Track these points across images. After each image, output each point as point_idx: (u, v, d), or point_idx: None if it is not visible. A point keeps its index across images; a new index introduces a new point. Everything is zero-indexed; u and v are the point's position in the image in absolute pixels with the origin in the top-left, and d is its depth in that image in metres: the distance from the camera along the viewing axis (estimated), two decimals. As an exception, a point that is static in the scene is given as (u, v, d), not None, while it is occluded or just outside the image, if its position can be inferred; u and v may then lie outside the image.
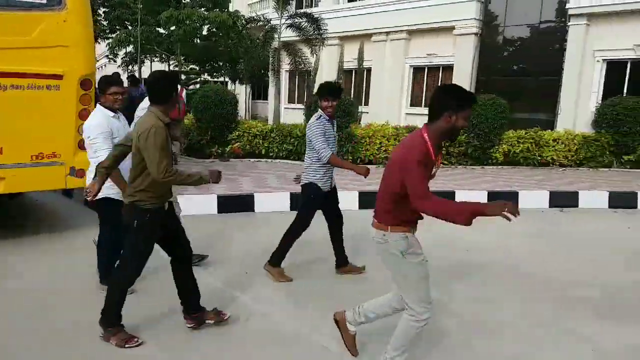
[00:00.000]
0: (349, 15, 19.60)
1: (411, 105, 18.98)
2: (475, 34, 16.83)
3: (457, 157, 11.43)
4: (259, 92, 27.58)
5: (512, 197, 8.23)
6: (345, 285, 4.60)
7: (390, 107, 18.72)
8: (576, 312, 4.16)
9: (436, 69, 18.35)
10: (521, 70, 16.79)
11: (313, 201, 4.58)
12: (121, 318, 3.41)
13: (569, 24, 14.77)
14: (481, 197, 8.15)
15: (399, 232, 2.77)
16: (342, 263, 4.88)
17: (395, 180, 2.66)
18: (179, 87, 3.48)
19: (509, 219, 2.41)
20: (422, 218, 2.81)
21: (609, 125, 11.51)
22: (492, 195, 8.19)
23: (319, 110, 4.53)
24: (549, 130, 12.21)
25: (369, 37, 19.12)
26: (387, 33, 18.88)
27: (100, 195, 3.61)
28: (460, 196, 8.11)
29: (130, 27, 19.23)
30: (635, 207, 8.34)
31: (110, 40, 18.64)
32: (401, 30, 18.48)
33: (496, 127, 11.20)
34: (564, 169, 11.42)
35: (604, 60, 14.44)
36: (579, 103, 14.76)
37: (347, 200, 6.99)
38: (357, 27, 19.30)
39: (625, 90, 13.89)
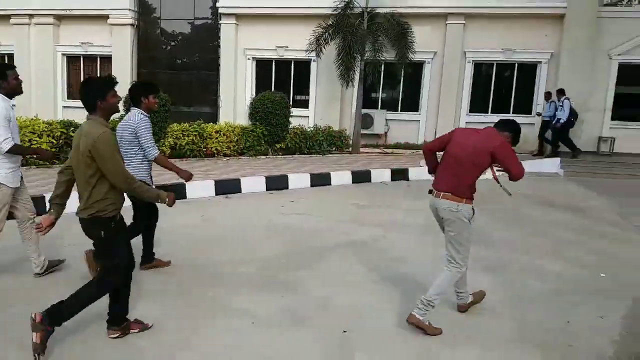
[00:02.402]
0: (-24, -9, 16.33)
1: (69, 97, 17.20)
2: (132, 25, 16.33)
3: (123, 152, 10.86)
4: None
5: (180, 189, 8.27)
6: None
7: (42, 99, 16.57)
8: (233, 288, 4.40)
9: (94, 59, 17.09)
10: (183, 64, 17.18)
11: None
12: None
13: (220, 22, 15.79)
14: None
15: (469, 204, 3.71)
16: (149, 259, 4.89)
17: (484, 162, 3.64)
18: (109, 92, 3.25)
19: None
20: None
21: (261, 117, 12.80)
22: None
23: (137, 107, 4.55)
24: (212, 123, 12.80)
25: (6, 18, 16.37)
26: (31, 16, 16.54)
27: None
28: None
29: None
30: (287, 188, 9.47)
31: None
32: (47, 14, 16.46)
33: (160, 120, 11.08)
34: (227, 158, 12.17)
35: (253, 58, 16.02)
36: (236, 97, 16.01)
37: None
38: (-12, 5, 16.28)
39: (272, 86, 15.76)
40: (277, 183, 9.45)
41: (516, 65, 14.95)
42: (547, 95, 13.80)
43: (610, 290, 4.71)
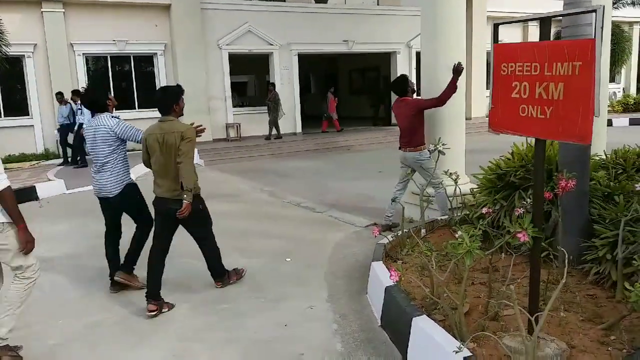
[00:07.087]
0: None
1: None
2: None
3: None
4: None
5: None
6: None
7: None
8: None
9: None
10: None
11: (142, 199, 4.41)
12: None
13: None
14: None
15: (425, 149, 5.42)
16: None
17: (419, 118, 5.41)
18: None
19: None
20: None
21: None
22: None
23: (105, 112, 4.25)
24: None
25: None
26: None
27: None
28: None
29: None
30: None
31: None
32: None
33: None
34: None
35: None
36: None
37: None
38: None
39: None
40: None
41: (132, 57, 14.17)
42: (60, 97, 11.92)
43: (302, 273, 4.63)
